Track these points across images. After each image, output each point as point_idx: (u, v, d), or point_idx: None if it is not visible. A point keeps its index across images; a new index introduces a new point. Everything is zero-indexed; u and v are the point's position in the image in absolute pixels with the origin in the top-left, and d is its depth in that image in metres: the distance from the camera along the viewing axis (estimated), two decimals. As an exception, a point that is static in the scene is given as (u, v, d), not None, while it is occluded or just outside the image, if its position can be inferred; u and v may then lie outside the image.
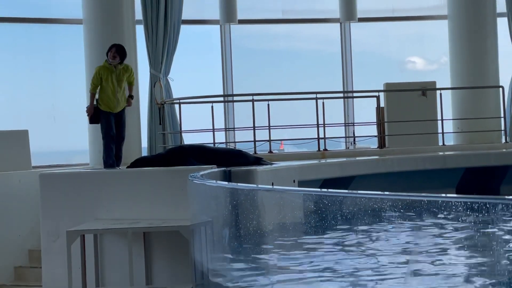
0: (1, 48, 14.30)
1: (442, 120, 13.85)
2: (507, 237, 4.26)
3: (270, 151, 12.98)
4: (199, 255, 6.04)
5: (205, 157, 9.13)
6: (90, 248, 7.79)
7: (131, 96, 10.14)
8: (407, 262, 4.94)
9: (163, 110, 13.35)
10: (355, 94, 15.44)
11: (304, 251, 5.28)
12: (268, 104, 12.92)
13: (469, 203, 3.72)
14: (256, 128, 12.84)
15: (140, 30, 13.86)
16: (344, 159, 12.06)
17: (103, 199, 8.09)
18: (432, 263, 4.94)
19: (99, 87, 9.80)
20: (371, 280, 4.92)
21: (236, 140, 14.11)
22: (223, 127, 14.97)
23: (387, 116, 13.72)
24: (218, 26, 15.49)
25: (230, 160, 9.23)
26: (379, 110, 13.73)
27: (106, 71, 9.74)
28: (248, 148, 12.72)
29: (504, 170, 12.67)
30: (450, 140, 14.72)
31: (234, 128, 14.92)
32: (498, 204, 3.60)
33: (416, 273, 4.80)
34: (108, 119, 9.79)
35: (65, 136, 14.27)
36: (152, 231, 7.75)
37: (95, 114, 9.87)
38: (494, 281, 4.38)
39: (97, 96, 9.83)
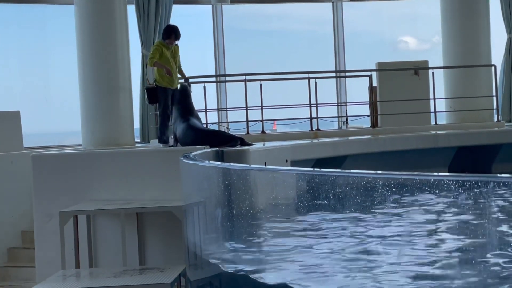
0: (-9, 29, 14.25)
1: (434, 99, 13.87)
2: (499, 215, 4.27)
3: (263, 131, 12.99)
4: (192, 235, 6.03)
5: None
6: (83, 229, 7.78)
7: (187, 79, 10.48)
8: (399, 242, 4.96)
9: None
10: (347, 74, 15.44)
11: (297, 231, 5.29)
12: (261, 84, 12.91)
13: (461, 182, 3.73)
14: (248, 108, 12.83)
15: (131, 10, 13.79)
16: (337, 139, 12.07)
17: (95, 180, 8.07)
18: (423, 242, 4.96)
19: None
20: (365, 259, 4.94)
21: (228, 120, 14.10)
22: (216, 107, 14.97)
23: (380, 95, 13.72)
24: (210, 6, 15.44)
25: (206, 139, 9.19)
26: (371, 89, 13.73)
27: (164, 47, 9.98)
28: (241, 128, 12.73)
29: (496, 149, 12.71)
30: (442, 119, 14.75)
31: (226, 108, 14.91)
32: (490, 182, 3.61)
33: (407, 252, 4.81)
34: (166, 98, 9.99)
35: (57, 117, 14.24)
36: (145, 212, 7.75)
37: (154, 94, 10.05)
38: (485, 259, 4.40)
39: (156, 76, 10.01)
